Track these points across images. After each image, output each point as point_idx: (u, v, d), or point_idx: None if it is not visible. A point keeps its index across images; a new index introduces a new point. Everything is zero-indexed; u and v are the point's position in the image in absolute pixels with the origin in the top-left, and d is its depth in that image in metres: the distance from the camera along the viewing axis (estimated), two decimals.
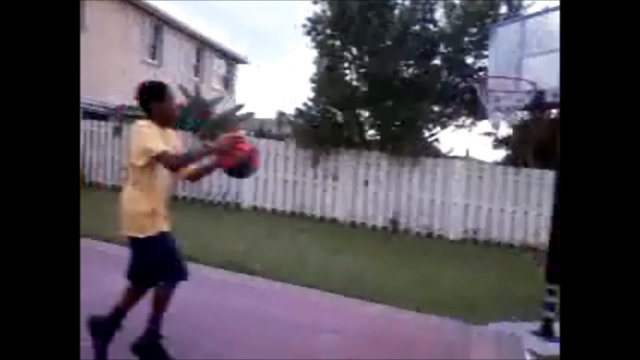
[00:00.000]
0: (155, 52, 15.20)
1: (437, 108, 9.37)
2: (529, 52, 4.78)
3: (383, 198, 9.09)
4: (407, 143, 8.79)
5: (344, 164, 9.31)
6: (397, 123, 8.85)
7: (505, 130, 10.42)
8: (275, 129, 11.44)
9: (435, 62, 9.26)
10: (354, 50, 9.50)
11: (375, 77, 8.85)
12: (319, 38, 9.60)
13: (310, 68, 14.08)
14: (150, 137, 2.46)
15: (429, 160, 8.97)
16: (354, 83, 9.57)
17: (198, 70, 17.26)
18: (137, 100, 2.63)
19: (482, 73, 8.21)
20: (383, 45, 9.01)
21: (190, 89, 11.21)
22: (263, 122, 12.21)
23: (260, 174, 9.34)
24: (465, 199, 8.73)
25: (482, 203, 8.67)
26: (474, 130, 10.65)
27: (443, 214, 8.83)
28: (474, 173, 8.76)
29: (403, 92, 8.71)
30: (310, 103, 9.47)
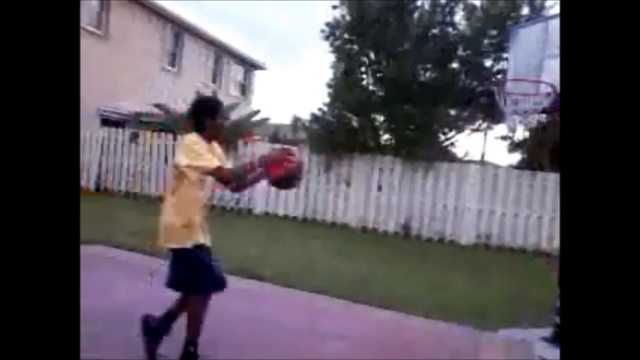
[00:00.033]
0: (175, 59, 15.51)
1: (453, 112, 9.32)
2: (550, 53, 4.74)
3: (396, 203, 9.07)
4: (422, 147, 8.77)
5: (358, 169, 9.32)
6: (412, 127, 8.83)
7: (522, 134, 10.27)
8: (291, 135, 11.56)
9: (454, 65, 9.23)
10: (372, 55, 9.54)
11: (392, 81, 8.86)
12: (337, 43, 9.68)
13: (327, 73, 14.22)
14: (203, 152, 2.54)
15: (444, 165, 8.92)
16: (371, 87, 9.60)
17: (216, 77, 17.56)
18: (191, 114, 2.73)
19: (500, 76, 8.16)
20: (401, 49, 9.02)
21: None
22: (278, 127, 12.34)
23: None
24: (479, 204, 8.65)
25: (495, 207, 8.58)
26: (490, 134, 10.55)
27: (456, 219, 8.76)
28: (489, 177, 8.68)
29: (420, 96, 8.70)
30: (326, 108, 9.54)
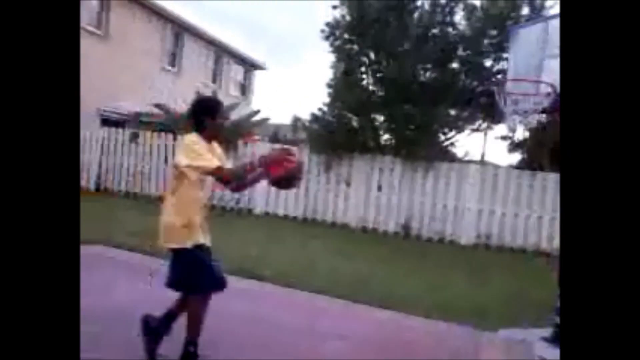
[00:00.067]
0: (175, 59, 15.62)
1: (453, 112, 9.41)
2: (550, 53, 4.79)
3: (396, 203, 9.16)
4: (422, 147, 8.85)
5: (358, 169, 9.41)
6: (412, 127, 8.92)
7: (522, 134, 10.34)
8: (291, 135, 11.63)
9: (454, 65, 9.31)
10: (372, 55, 9.63)
11: (392, 81, 8.95)
12: (337, 43, 9.76)
13: (327, 73, 14.31)
14: (203, 152, 2.58)
15: (444, 165, 9.01)
16: (371, 87, 9.69)
17: (216, 77, 17.66)
18: (191, 114, 2.76)
19: (500, 76, 8.23)
20: (401, 49, 9.11)
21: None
22: (278, 127, 12.41)
23: None
24: (479, 204, 8.73)
25: (495, 207, 8.66)
26: (490, 134, 10.58)
27: (456, 219, 8.85)
28: (489, 177, 8.77)
29: (420, 96, 8.78)
30: (326, 108, 9.63)
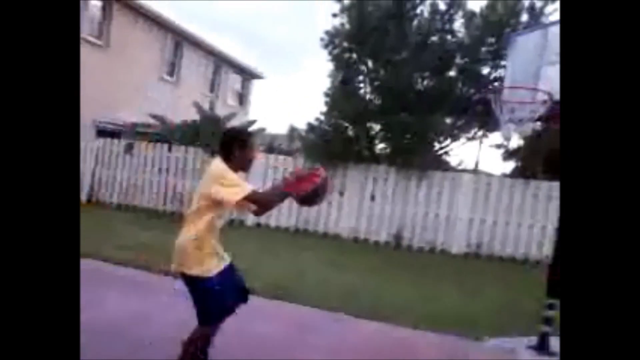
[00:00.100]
0: (174, 68, 15.75)
1: (449, 120, 9.53)
2: (549, 60, 4.87)
3: (389, 213, 9.23)
4: (417, 156, 8.95)
5: (352, 179, 9.47)
6: (408, 136, 9.02)
7: (516, 142, 10.42)
8: (287, 144, 11.68)
9: (451, 73, 9.43)
10: (370, 63, 9.75)
11: (390, 89, 9.06)
12: (336, 51, 9.88)
13: (325, 82, 14.41)
14: (237, 179, 2.61)
15: (437, 174, 9.10)
16: (368, 96, 9.80)
17: (214, 86, 17.80)
18: (221, 145, 2.75)
19: (497, 83, 8.33)
20: (399, 57, 9.22)
21: (205, 106, 11.61)
22: (275, 137, 12.46)
23: None
24: (471, 213, 8.81)
25: (487, 217, 8.75)
26: (485, 142, 10.60)
27: (447, 229, 8.93)
28: (482, 186, 8.85)
29: (416, 104, 8.89)
30: (323, 117, 9.72)
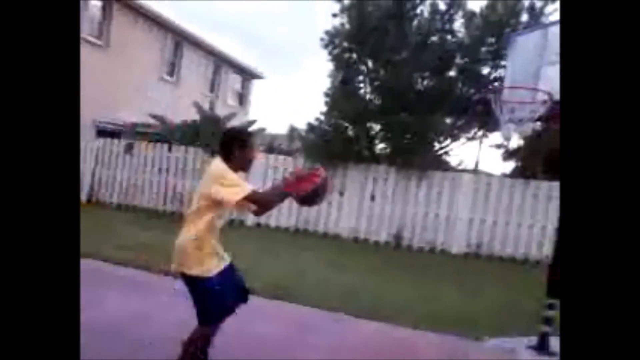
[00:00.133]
0: (174, 68, 15.88)
1: (449, 120, 9.62)
2: (549, 60, 4.93)
3: (389, 213, 9.32)
4: (417, 156, 9.04)
5: (352, 179, 9.56)
6: (408, 136, 9.11)
7: (517, 142, 10.49)
8: (287, 144, 11.75)
9: (451, 73, 9.52)
10: (370, 63, 9.84)
11: (390, 89, 9.15)
12: (336, 51, 9.98)
13: (325, 82, 14.50)
14: (237, 179, 2.65)
15: (437, 174, 9.19)
16: (368, 96, 9.90)
17: (214, 86, 17.92)
18: (221, 145, 2.78)
19: (497, 83, 8.40)
20: (399, 58, 9.31)
21: (205, 106, 11.72)
22: (275, 137, 12.54)
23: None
24: (471, 213, 8.90)
25: (487, 217, 8.83)
26: (485, 142, 10.62)
27: (447, 229, 9.02)
28: (482, 186, 8.94)
29: (416, 104, 8.98)
30: (322, 117, 9.81)
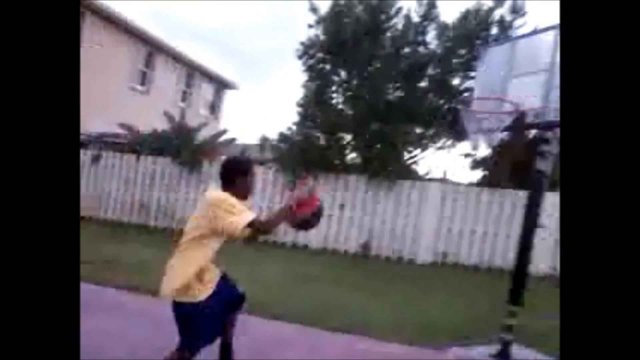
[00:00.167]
0: (145, 78, 15.76)
1: (419, 130, 9.90)
2: (517, 72, 5.21)
3: (357, 223, 9.51)
4: (387, 166, 9.25)
5: (322, 188, 9.60)
6: (379, 146, 9.33)
7: (484, 151, 10.79)
8: (259, 154, 11.77)
9: (422, 84, 9.79)
10: (343, 74, 10.08)
11: (362, 99, 9.39)
12: (310, 62, 10.16)
13: (297, 93, 14.63)
14: (241, 207, 2.65)
15: (406, 183, 9.41)
16: (340, 106, 10.11)
17: (186, 96, 17.85)
18: (220, 175, 2.81)
19: (466, 94, 8.72)
20: (372, 68, 9.56)
21: (176, 115, 11.68)
22: (246, 147, 12.56)
23: None
24: (438, 222, 9.17)
25: (453, 225, 9.12)
26: (453, 152, 10.91)
27: (415, 238, 9.25)
28: (449, 195, 9.23)
29: (388, 114, 9.23)
30: (294, 127, 9.97)
